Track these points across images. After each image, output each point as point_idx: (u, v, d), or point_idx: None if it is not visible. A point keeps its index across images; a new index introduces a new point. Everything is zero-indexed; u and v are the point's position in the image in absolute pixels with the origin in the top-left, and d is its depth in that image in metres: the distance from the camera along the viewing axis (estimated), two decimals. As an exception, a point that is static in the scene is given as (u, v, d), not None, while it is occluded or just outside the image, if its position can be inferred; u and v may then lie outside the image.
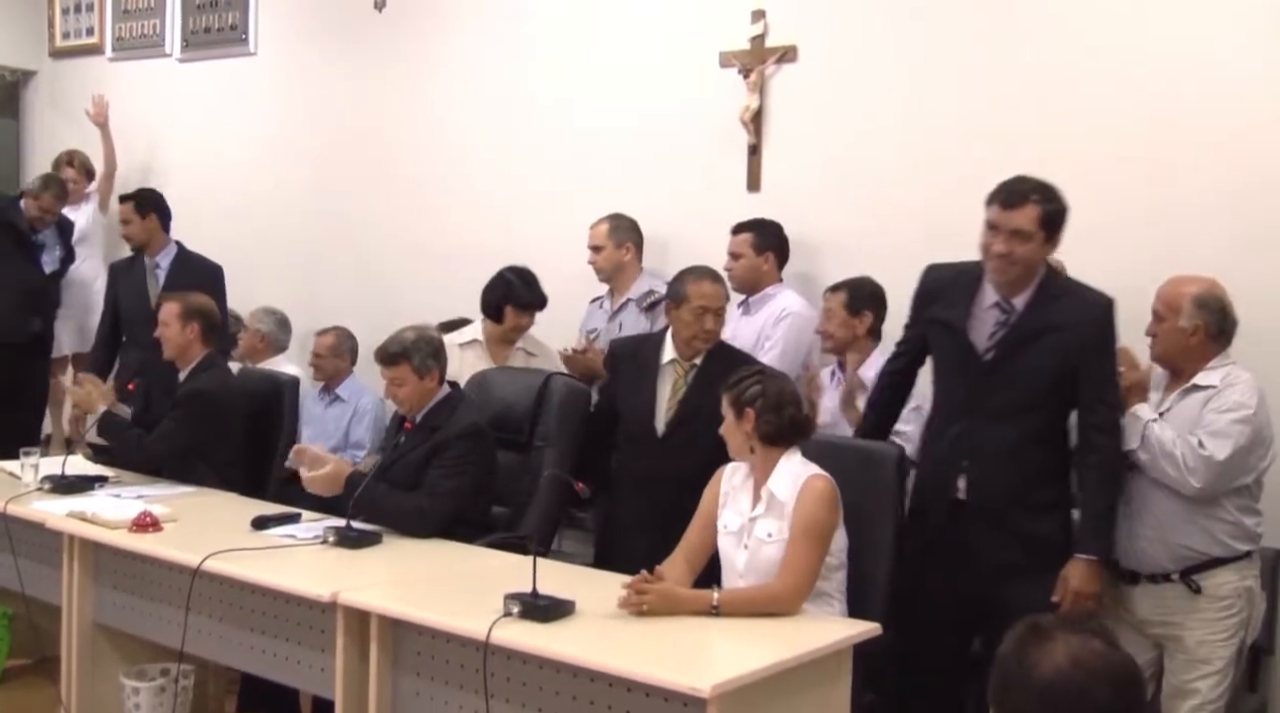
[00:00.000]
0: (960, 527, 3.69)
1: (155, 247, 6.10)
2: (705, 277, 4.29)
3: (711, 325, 4.25)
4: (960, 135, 4.71)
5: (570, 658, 3.00)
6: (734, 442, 3.53)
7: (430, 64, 6.18)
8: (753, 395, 3.47)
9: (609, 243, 5.19)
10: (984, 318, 3.70)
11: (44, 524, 4.31)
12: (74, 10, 7.87)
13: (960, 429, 3.72)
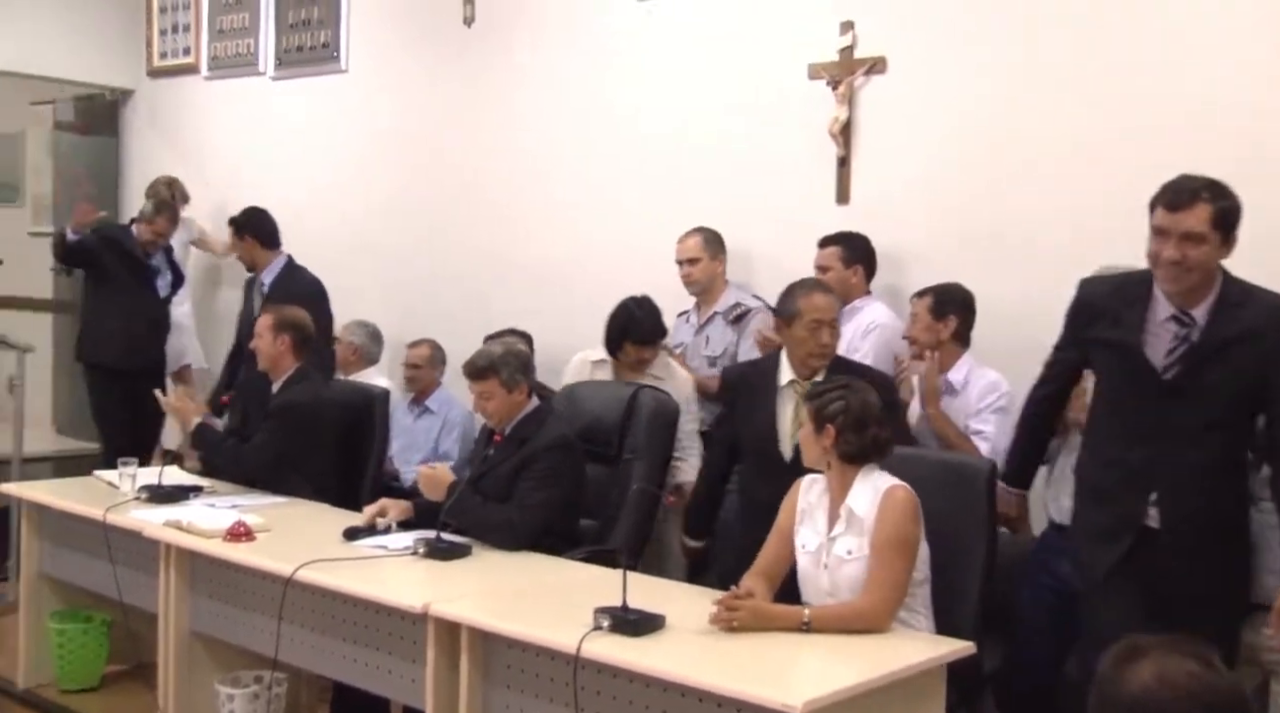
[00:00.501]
0: (1151, 555, 3.41)
1: (260, 264, 6.18)
2: (815, 289, 4.19)
3: (827, 339, 4.13)
4: (1052, 145, 4.64)
5: (661, 673, 2.99)
6: (811, 454, 3.48)
7: (518, 77, 6.21)
8: (834, 411, 3.40)
9: (704, 255, 5.17)
10: (1159, 333, 3.38)
11: (141, 533, 4.40)
12: (171, 31, 8.02)
13: (1144, 456, 3.40)
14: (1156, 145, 4.33)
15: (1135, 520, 3.42)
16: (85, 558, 4.79)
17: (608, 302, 5.76)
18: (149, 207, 6.69)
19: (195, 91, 7.89)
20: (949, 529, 3.50)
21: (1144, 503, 3.41)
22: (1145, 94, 4.45)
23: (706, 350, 5.16)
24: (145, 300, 6.66)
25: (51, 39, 7.88)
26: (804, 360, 4.14)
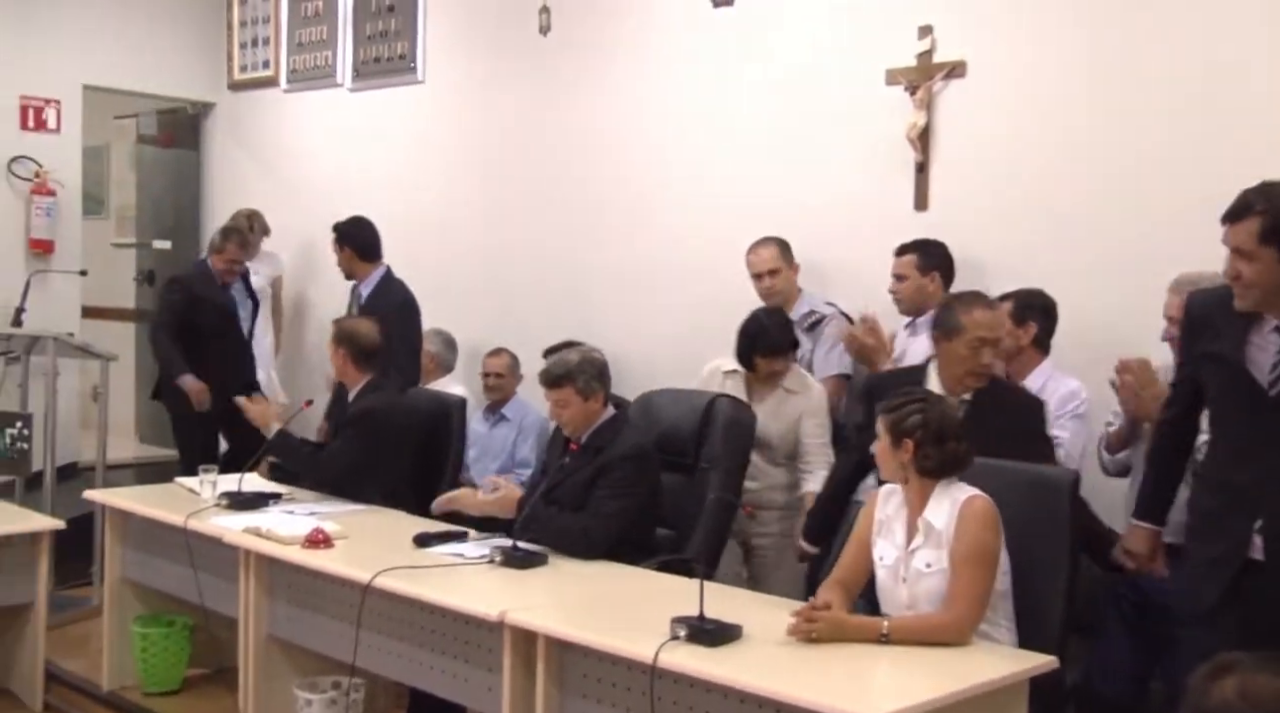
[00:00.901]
0: (1255, 586, 3.26)
1: (359, 275, 6.16)
2: (977, 303, 3.97)
3: (988, 359, 3.93)
4: (1137, 149, 4.57)
5: (738, 683, 2.96)
6: (888, 468, 3.41)
7: (593, 85, 6.22)
8: (913, 425, 3.33)
9: (782, 265, 5.15)
10: (1264, 346, 3.22)
11: (221, 539, 4.45)
12: (251, 45, 8.13)
13: (1250, 477, 3.25)
14: (1249, 149, 4.24)
15: (1241, 552, 3.28)
16: (167, 563, 4.86)
17: (681, 310, 5.78)
18: (217, 236, 6.72)
19: (275, 104, 7.99)
20: (1030, 541, 3.43)
21: (1249, 530, 3.27)
22: (1238, 97, 4.35)
23: (781, 360, 5.14)
24: (234, 347, 6.66)
25: (135, 55, 8.03)
26: (960, 378, 3.94)
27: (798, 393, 4.80)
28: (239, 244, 6.65)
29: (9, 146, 7.54)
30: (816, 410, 4.81)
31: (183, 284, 6.59)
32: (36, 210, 7.58)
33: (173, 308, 6.47)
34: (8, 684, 5.32)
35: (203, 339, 6.43)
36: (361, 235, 6.12)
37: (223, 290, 6.65)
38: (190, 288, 6.54)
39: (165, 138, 9.01)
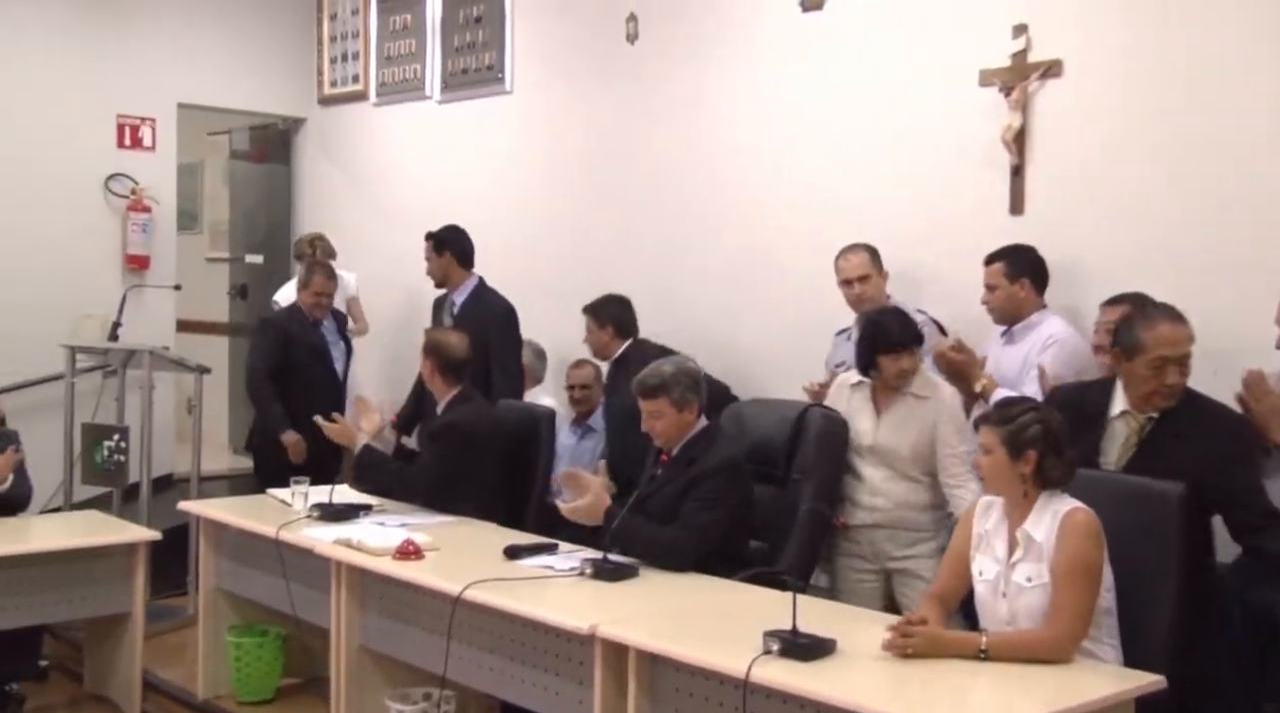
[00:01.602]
0: None
1: (453, 283, 6.13)
2: (1162, 318, 3.70)
3: (1174, 379, 3.65)
4: (1240, 148, 4.42)
5: (833, 699, 2.91)
6: (1002, 481, 3.31)
7: (682, 93, 6.18)
8: (1035, 436, 3.24)
9: (873, 271, 5.07)
10: None
11: (313, 550, 4.47)
12: (341, 59, 8.21)
13: None
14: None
15: None
16: (260, 574, 4.90)
17: (772, 319, 5.72)
18: (302, 272, 6.60)
19: (364, 117, 8.06)
20: (1136, 555, 3.34)
21: None
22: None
23: (871, 368, 5.05)
24: (323, 386, 6.43)
25: (228, 72, 8.15)
26: (1146, 398, 3.71)
27: (927, 398, 4.42)
28: (326, 276, 6.51)
29: (106, 164, 7.68)
30: (952, 416, 4.42)
31: (275, 326, 6.50)
32: (133, 226, 7.71)
33: (267, 352, 6.37)
34: (106, 692, 5.39)
35: (296, 381, 6.32)
36: (460, 241, 6.10)
37: (314, 329, 6.51)
38: (283, 329, 6.44)
39: (257, 153, 9.13)
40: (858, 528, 4.47)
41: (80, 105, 7.57)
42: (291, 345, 6.36)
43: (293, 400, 6.18)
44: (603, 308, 5.85)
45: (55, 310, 7.18)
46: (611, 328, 5.80)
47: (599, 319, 5.83)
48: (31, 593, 4.97)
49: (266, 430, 6.29)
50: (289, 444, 6.17)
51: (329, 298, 6.54)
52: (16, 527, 5.41)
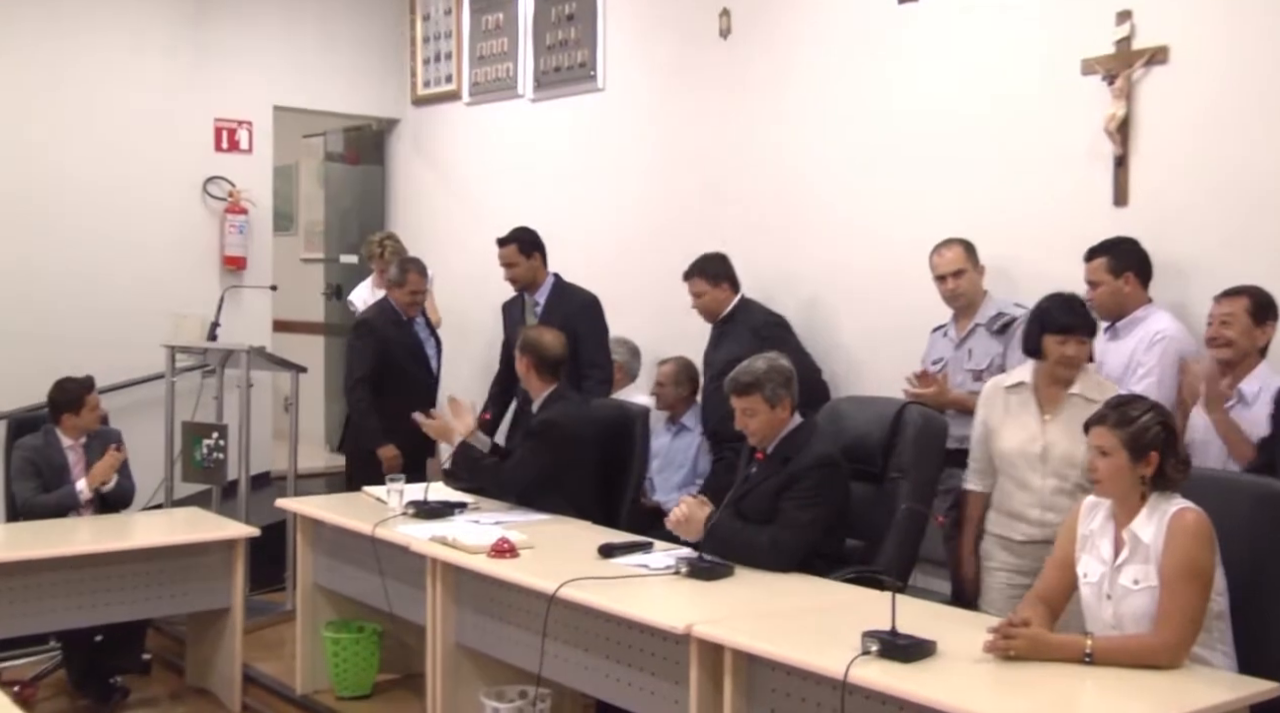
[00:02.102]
0: None
1: (539, 283, 6.07)
2: None
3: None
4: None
5: (933, 702, 2.86)
6: (1121, 484, 3.21)
7: (777, 87, 6.11)
8: (1156, 437, 3.16)
9: (969, 265, 4.97)
10: None
11: (409, 548, 4.49)
12: (434, 60, 8.26)
13: None
14: None
15: None
16: (356, 570, 4.94)
17: (867, 315, 5.64)
18: (394, 271, 6.43)
19: (457, 117, 8.10)
20: (1250, 557, 3.23)
21: None
22: None
23: (970, 364, 4.95)
24: (420, 386, 6.36)
25: (322, 75, 8.25)
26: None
27: (1096, 402, 3.79)
28: (419, 273, 6.37)
29: (204, 167, 7.81)
30: None
31: (371, 328, 6.34)
32: (230, 228, 7.83)
33: (366, 358, 6.23)
34: (207, 685, 5.48)
35: (394, 382, 6.21)
36: (540, 241, 6.10)
37: (409, 327, 6.43)
38: (379, 331, 6.30)
39: (351, 155, 9.22)
40: (1023, 543, 4.20)
41: (179, 110, 7.70)
42: (389, 347, 6.27)
43: (391, 401, 6.08)
44: (710, 264, 5.78)
45: (155, 311, 7.31)
46: (726, 283, 5.75)
47: (712, 276, 5.75)
48: (135, 588, 5.07)
49: (365, 444, 6.18)
50: (386, 459, 6.06)
51: (423, 296, 6.49)
52: (120, 524, 5.52)
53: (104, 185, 7.41)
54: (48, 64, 7.28)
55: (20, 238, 7.17)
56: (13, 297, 7.11)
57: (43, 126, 7.25)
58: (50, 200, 7.25)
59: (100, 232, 7.40)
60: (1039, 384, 4.20)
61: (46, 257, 7.23)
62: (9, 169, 7.14)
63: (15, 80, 7.18)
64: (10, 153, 7.16)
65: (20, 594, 4.82)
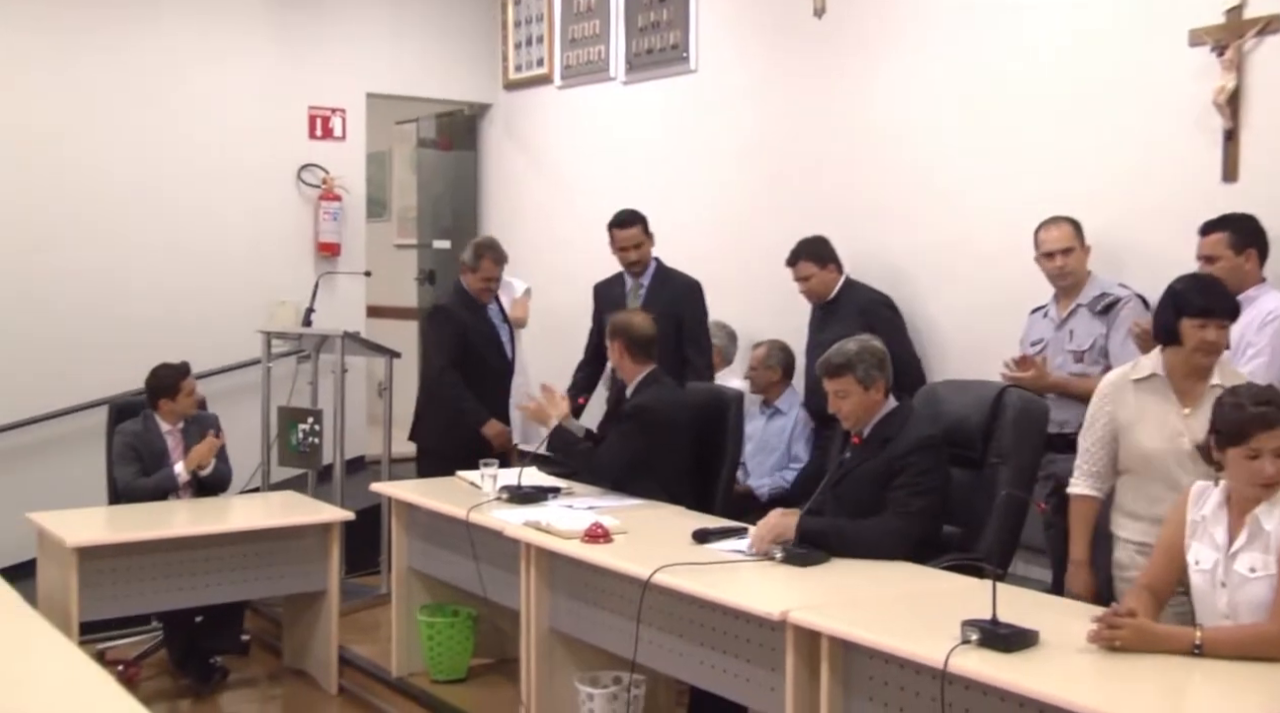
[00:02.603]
0: None
1: (645, 266, 5.96)
2: None
3: None
4: None
5: (1035, 693, 2.80)
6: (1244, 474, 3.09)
7: (874, 65, 6.00)
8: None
9: (1076, 244, 4.85)
10: None
11: (503, 532, 4.49)
12: (525, 44, 8.26)
13: None
14: None
15: None
16: (450, 554, 4.96)
17: (970, 296, 5.53)
18: (469, 254, 6.23)
19: (549, 101, 8.09)
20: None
21: None
22: None
23: (1071, 345, 4.83)
24: (499, 372, 6.23)
25: (415, 61, 8.28)
26: None
27: None
28: (494, 261, 6.18)
29: (299, 156, 7.88)
30: None
31: (450, 314, 6.15)
32: (324, 215, 7.90)
33: (447, 345, 6.06)
34: (304, 667, 5.55)
35: (471, 369, 6.05)
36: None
37: (484, 313, 6.23)
38: (458, 317, 6.11)
39: (444, 141, 9.26)
40: None
41: (274, 99, 7.78)
42: (467, 333, 6.10)
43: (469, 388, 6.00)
44: (816, 247, 5.73)
45: (251, 298, 7.41)
46: (832, 264, 5.71)
47: (819, 258, 5.71)
48: (233, 570, 5.15)
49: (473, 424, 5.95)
50: (494, 435, 5.93)
51: (497, 282, 6.29)
52: (218, 507, 5.60)
53: (201, 174, 7.51)
54: (145, 54, 7.38)
55: (121, 227, 7.29)
56: (114, 284, 7.24)
57: (141, 116, 7.36)
58: (149, 188, 7.36)
59: (198, 220, 7.50)
60: (1174, 375, 3.82)
61: (146, 245, 7.35)
62: (109, 159, 7.26)
63: (114, 71, 7.30)
64: (112, 143, 7.27)
65: (122, 576, 4.91)
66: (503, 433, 6.00)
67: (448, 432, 6.05)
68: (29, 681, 3.21)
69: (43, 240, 7.08)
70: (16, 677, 3.23)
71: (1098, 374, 4.63)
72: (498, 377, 6.19)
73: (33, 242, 7.05)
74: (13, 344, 6.96)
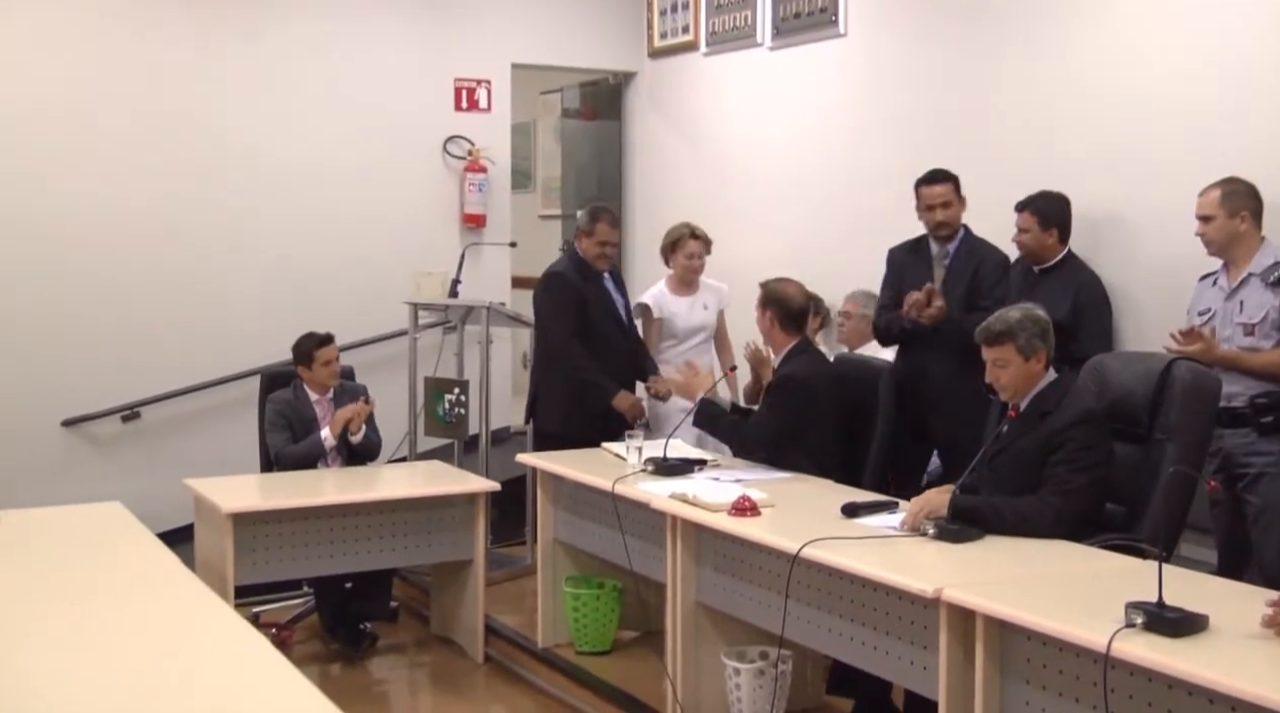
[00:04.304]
0: None
1: (955, 232, 5.45)
2: None
3: None
4: None
5: (1205, 680, 2.68)
6: None
7: (1028, 26, 5.78)
8: None
9: (1220, 212, 4.62)
10: None
11: (649, 505, 4.46)
12: (670, 10, 8.17)
13: None
14: None
15: None
16: (596, 526, 4.95)
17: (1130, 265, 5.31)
18: (583, 218, 5.96)
19: (694, 68, 8.00)
20: None
21: None
22: None
23: (1241, 317, 4.60)
24: (617, 340, 5.94)
25: (559, 30, 8.27)
26: None
27: None
28: (610, 223, 5.90)
29: (445, 127, 7.93)
30: None
31: (566, 281, 5.86)
32: (469, 186, 7.94)
33: (566, 312, 5.79)
34: (451, 635, 5.60)
35: (589, 341, 5.80)
36: None
37: (599, 281, 5.92)
38: (574, 285, 5.84)
39: (588, 111, 9.25)
40: None
41: (420, 71, 7.83)
42: (585, 302, 5.84)
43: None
44: (1043, 203, 5.29)
45: (398, 269, 7.45)
46: (1055, 230, 5.32)
47: (1041, 217, 5.29)
48: (381, 538, 5.21)
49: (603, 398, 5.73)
50: (627, 407, 5.74)
51: (614, 248, 6.01)
52: (368, 476, 5.68)
53: (348, 148, 7.60)
54: (291, 29, 7.48)
55: (272, 203, 7.42)
56: (266, 258, 7.38)
57: (287, 92, 7.46)
58: (296, 163, 7.47)
59: (345, 194, 7.60)
60: None
61: (296, 218, 7.47)
62: (256, 134, 7.38)
63: (260, 50, 7.40)
64: (259, 121, 7.39)
65: (275, 541, 5.01)
66: (636, 405, 5.81)
67: (568, 417, 5.83)
68: (190, 641, 3.29)
69: (193, 218, 7.23)
70: (178, 637, 3.31)
71: (1270, 348, 4.45)
72: (618, 352, 5.91)
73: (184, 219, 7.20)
74: (170, 317, 7.14)
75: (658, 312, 6.25)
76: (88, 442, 7.02)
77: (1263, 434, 4.41)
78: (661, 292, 6.31)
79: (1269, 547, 4.30)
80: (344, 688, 5.09)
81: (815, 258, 6.28)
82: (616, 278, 6.16)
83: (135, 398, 7.05)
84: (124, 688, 2.90)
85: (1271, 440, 4.40)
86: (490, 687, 5.26)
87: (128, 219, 7.06)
